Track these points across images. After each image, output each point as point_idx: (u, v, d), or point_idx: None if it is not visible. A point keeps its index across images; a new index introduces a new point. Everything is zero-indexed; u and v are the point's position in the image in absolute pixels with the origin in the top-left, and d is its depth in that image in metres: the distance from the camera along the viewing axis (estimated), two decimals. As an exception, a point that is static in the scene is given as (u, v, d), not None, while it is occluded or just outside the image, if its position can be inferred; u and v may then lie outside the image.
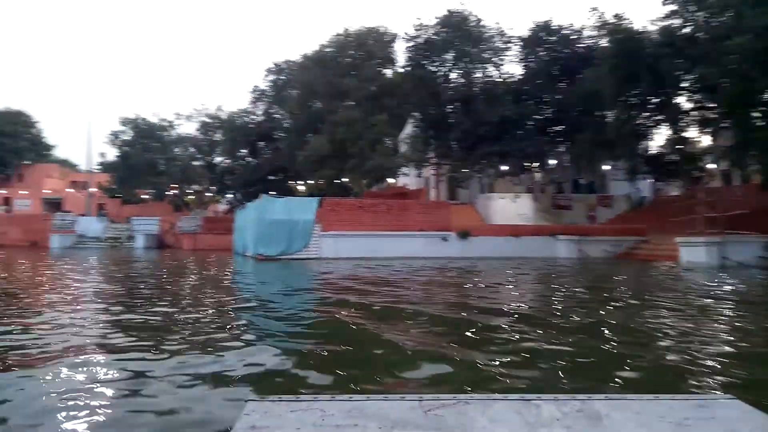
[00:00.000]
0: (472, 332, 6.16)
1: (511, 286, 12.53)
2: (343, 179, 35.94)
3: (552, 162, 32.22)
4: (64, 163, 65.36)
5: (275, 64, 48.34)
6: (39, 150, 60.27)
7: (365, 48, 33.47)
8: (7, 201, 54.17)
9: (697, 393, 2.01)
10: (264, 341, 5.75)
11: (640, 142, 26.31)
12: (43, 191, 55.28)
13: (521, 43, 31.76)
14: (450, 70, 31.14)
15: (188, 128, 52.69)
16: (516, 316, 7.65)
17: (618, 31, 23.75)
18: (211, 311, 7.98)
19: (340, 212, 24.01)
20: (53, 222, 44.30)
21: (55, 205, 53.69)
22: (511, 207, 31.15)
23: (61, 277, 15.33)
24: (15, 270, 18.79)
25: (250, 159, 50.87)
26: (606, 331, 6.33)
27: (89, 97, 50.12)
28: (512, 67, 32.08)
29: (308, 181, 42.07)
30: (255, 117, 50.84)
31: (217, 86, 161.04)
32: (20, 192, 55.09)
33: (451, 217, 25.94)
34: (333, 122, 31.05)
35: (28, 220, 47.08)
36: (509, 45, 32.06)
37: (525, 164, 30.39)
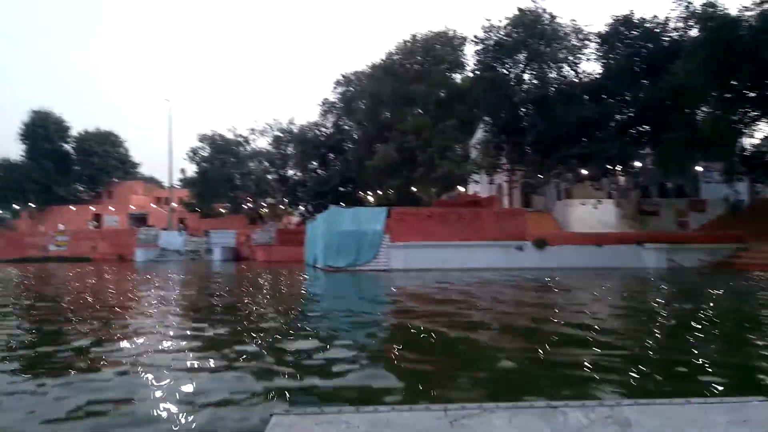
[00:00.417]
0: (562, 362, 5.21)
1: (601, 302, 11.26)
2: (411, 189, 35.33)
3: (636, 164, 29.93)
4: (150, 181, 69.37)
5: (343, 76, 48.71)
6: (126, 168, 64.28)
7: (433, 53, 32.80)
8: (97, 217, 58.05)
9: (729, 396, 1.90)
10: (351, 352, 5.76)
11: (737, 139, 23.81)
12: (130, 207, 58.80)
13: (599, 40, 29.88)
14: (522, 72, 29.77)
15: (262, 143, 54.23)
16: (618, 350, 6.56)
17: (711, 19, 21.62)
18: (284, 322, 7.59)
19: (409, 222, 23.32)
20: (138, 236, 46.68)
21: (140, 220, 56.92)
22: (591, 213, 29.23)
23: (149, 288, 16.06)
24: (108, 281, 19.81)
25: (320, 171, 51.50)
26: None
27: (170, 116, 53.33)
28: (589, 66, 30.29)
29: (377, 192, 41.85)
30: (325, 129, 51.47)
31: (290, 100, 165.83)
32: (109, 208, 58.90)
33: (527, 226, 24.56)
34: (400, 130, 30.54)
35: (116, 234, 49.95)
36: (586, 42, 30.30)
37: (607, 167, 28.37)
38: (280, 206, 54.75)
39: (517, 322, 8.30)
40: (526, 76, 29.82)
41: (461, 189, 36.12)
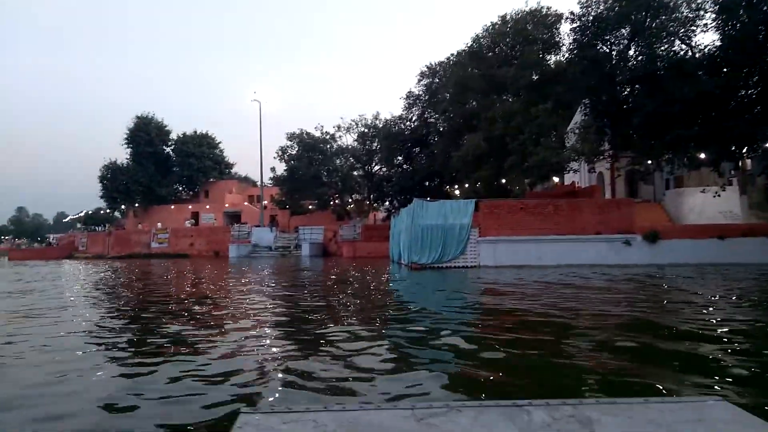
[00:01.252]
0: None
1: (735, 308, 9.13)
2: (501, 180, 33.25)
3: (766, 146, 25.90)
4: (244, 180, 72.07)
5: (428, 67, 47.36)
6: (221, 168, 67.27)
7: (524, 33, 30.39)
8: (195, 215, 61.09)
9: (687, 396, 1.93)
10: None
11: None
12: (225, 205, 61.28)
13: (716, 7, 26.13)
14: (626, 48, 26.73)
15: (348, 139, 54.21)
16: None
17: None
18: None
19: (499, 215, 21.56)
20: (231, 233, 48.31)
21: (234, 217, 59.14)
22: (709, 203, 25.78)
23: (245, 283, 16.29)
24: (215, 276, 20.11)
25: (405, 166, 50.58)
26: None
27: (261, 116, 54.54)
28: (705, 38, 26.55)
29: (464, 185, 40.12)
30: (409, 123, 50.46)
31: (375, 95, 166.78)
32: (206, 207, 61.79)
33: (635, 217, 21.92)
34: (489, 118, 28.61)
35: (212, 231, 52.12)
36: (700, 12, 26.67)
37: (729, 150, 24.73)
38: (366, 202, 54.48)
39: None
40: (630, 53, 26.72)
41: (556, 180, 33.46)
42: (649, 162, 26.43)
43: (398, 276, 18.19)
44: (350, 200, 55.07)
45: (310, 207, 55.56)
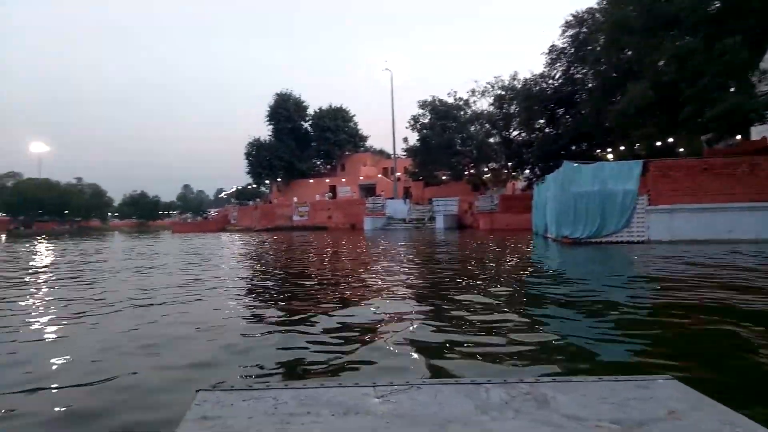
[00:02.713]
0: None
1: None
2: (668, 139, 28.01)
3: None
4: (378, 153, 71.97)
5: (574, 16, 41.87)
6: (356, 141, 67.67)
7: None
8: (332, 189, 62.24)
9: (638, 375, 1.76)
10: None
11: None
12: (360, 178, 61.52)
13: None
14: None
15: (483, 104, 50.73)
16: None
17: None
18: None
19: (675, 178, 17.52)
20: (366, 206, 48.22)
21: (369, 190, 59.16)
22: None
23: (385, 254, 15.59)
24: (353, 247, 19.64)
25: (548, 129, 45.95)
26: None
27: (392, 86, 53.11)
28: None
29: (619, 147, 35.01)
30: (552, 81, 45.51)
31: (512, 54, 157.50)
32: (342, 180, 62.60)
33: None
34: (654, 63, 23.80)
35: (348, 204, 52.57)
36: None
37: None
38: (504, 171, 50.85)
39: None
40: None
41: (738, 137, 27.35)
42: None
43: (548, 253, 15.39)
44: (486, 169, 51.86)
45: (443, 178, 53.50)
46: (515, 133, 49.78)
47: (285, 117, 63.56)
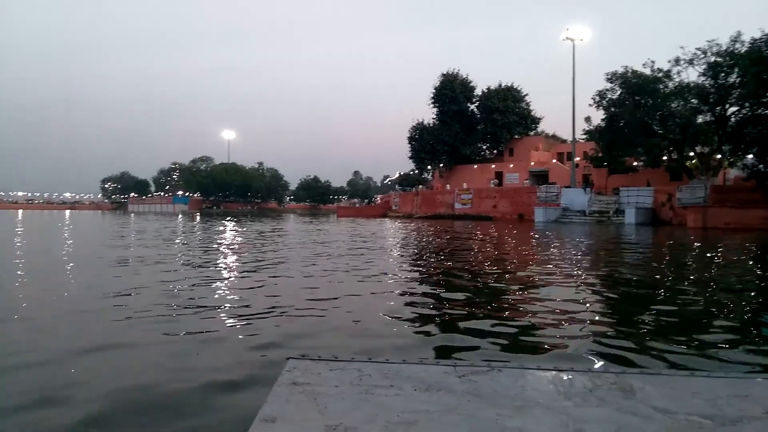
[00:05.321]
0: None
1: None
2: None
3: None
4: (552, 138, 64.59)
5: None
6: (527, 123, 61.21)
7: None
8: (498, 175, 56.88)
9: (734, 372, 1.92)
10: None
11: None
12: (530, 164, 55.36)
13: None
14: None
15: (690, 75, 41.58)
16: None
17: None
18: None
19: None
20: (538, 195, 43.02)
21: (541, 177, 52.90)
22: None
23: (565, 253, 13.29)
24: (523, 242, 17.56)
25: (785, 103, 35.76)
26: None
27: (573, 57, 45.53)
28: None
29: None
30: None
31: (735, 11, 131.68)
32: (509, 166, 56.91)
33: None
34: None
35: (516, 192, 47.65)
36: None
37: None
38: (717, 156, 41.22)
39: None
40: None
41: None
42: None
43: None
44: (692, 154, 42.64)
45: (634, 164, 45.48)
46: (732, 109, 40.03)
47: (450, 98, 59.69)
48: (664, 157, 42.85)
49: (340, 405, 1.45)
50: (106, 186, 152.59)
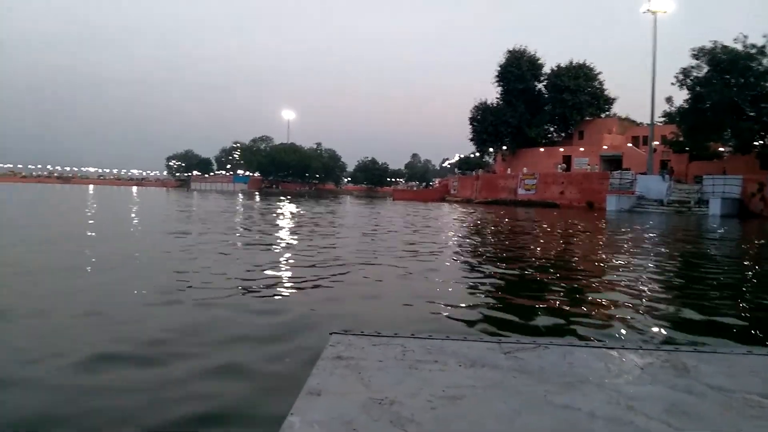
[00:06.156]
0: None
1: None
2: None
3: None
4: (627, 120, 60.15)
5: None
6: (599, 104, 57.01)
7: None
8: (566, 159, 53.19)
9: None
10: None
11: None
12: (602, 148, 51.62)
13: None
14: None
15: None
16: None
17: None
18: None
19: None
20: (610, 181, 40.20)
21: (613, 162, 49.23)
22: None
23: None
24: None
25: None
26: None
27: (655, 31, 41.23)
28: None
29: None
30: None
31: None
32: (579, 149, 53.19)
33: None
34: None
35: (586, 178, 44.87)
36: None
37: None
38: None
39: None
40: None
41: None
42: None
43: None
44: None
45: (720, 150, 41.57)
46: None
47: (516, 76, 56.41)
48: (756, 143, 38.80)
49: (384, 379, 1.45)
50: (171, 164, 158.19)
